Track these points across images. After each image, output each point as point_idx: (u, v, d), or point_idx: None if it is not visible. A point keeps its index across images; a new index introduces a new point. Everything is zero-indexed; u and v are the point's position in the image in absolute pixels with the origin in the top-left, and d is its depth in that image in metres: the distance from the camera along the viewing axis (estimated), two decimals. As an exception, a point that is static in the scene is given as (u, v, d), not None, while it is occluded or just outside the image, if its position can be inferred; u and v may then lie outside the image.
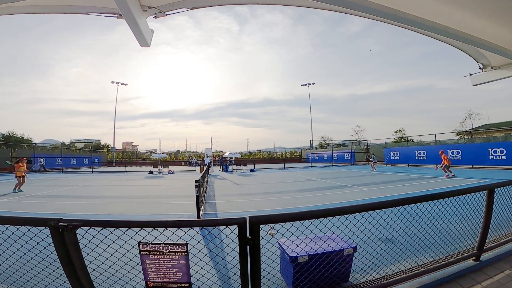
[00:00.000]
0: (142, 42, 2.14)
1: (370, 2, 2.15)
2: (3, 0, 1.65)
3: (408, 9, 2.35)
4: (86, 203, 8.60)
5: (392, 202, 2.33)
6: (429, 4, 2.30)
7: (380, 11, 2.24)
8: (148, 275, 1.85)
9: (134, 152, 66.68)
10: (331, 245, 2.78)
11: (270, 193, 10.40)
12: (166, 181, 15.88)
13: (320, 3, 2.25)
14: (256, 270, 1.89)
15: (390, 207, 2.33)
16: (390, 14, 2.31)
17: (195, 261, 2.07)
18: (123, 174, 23.53)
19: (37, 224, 1.70)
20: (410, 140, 32.91)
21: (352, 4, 2.12)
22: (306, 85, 49.72)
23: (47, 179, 17.46)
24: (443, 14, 2.46)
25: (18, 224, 1.74)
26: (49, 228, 1.64)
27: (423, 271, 2.69)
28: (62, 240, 1.66)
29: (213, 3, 2.10)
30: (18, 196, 10.00)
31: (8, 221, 1.76)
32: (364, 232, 2.68)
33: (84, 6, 1.95)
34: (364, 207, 2.21)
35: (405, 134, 40.52)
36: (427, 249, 3.31)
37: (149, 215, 6.72)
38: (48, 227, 1.64)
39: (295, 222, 2.02)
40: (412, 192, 9.48)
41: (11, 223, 1.75)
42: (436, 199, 2.57)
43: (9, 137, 38.55)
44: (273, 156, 56.62)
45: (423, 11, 2.41)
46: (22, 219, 1.74)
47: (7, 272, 2.34)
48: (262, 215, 1.89)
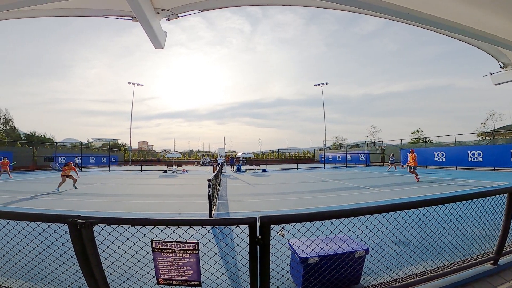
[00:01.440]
0: (156, 44, 2.20)
1: (385, 2, 2.10)
2: (26, 3, 1.73)
3: (425, 8, 2.27)
4: (102, 201, 8.88)
5: (408, 204, 2.27)
6: (447, 3, 2.23)
7: (395, 11, 2.18)
8: (160, 272, 1.89)
9: (149, 151, 68.32)
10: (342, 246, 2.75)
11: (282, 193, 10.36)
12: (180, 180, 16.14)
13: (332, 4, 2.21)
14: (266, 269, 1.89)
15: (405, 209, 2.27)
16: (405, 13, 2.24)
17: (205, 259, 2.10)
18: (138, 173, 24.12)
19: (56, 220, 1.78)
20: (428, 141, 31.86)
21: (366, 4, 2.08)
22: (319, 85, 49.13)
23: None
24: (462, 13, 2.37)
25: (39, 220, 1.82)
26: (67, 225, 1.71)
27: (437, 275, 2.62)
28: (79, 236, 1.73)
29: (224, 4, 2.13)
30: (39, 193, 10.45)
31: (30, 217, 1.85)
32: (377, 234, 2.63)
33: (101, 9, 2.03)
34: (378, 208, 2.17)
35: (423, 135, 39.28)
36: (443, 253, 3.22)
37: (163, 214, 6.85)
38: (66, 223, 1.71)
39: (306, 223, 2.01)
40: (429, 194, 9.19)
41: (33, 220, 1.83)
42: (454, 201, 2.49)
43: (31, 136, 40.34)
44: (285, 157, 56.41)
45: (440, 10, 2.33)
46: (43, 215, 1.82)
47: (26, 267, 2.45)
48: (273, 215, 1.90)
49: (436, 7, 2.25)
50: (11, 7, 1.73)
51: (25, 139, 38.56)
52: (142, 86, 48.52)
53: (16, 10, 1.91)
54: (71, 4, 1.95)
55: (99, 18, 2.17)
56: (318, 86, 49.44)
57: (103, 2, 1.97)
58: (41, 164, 28.54)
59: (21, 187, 12.31)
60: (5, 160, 17.81)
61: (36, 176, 19.57)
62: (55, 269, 2.34)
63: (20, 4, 1.70)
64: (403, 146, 31.12)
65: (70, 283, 2.32)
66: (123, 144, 57.34)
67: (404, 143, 32.37)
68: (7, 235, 2.15)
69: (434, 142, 30.18)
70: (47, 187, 12.41)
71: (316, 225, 2.14)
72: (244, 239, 1.92)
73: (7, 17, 2.10)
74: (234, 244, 3.92)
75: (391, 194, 9.31)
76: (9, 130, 40.69)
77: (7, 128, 40.94)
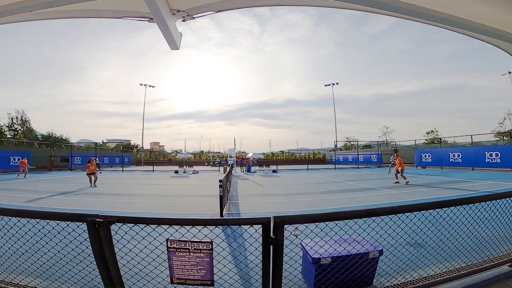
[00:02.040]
0: (172, 45, 2.23)
1: (401, 2, 2.05)
2: (46, 5, 1.78)
3: (441, 7, 2.21)
4: (116, 200, 9.06)
5: (423, 205, 2.22)
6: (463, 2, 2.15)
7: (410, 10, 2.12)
8: (174, 271, 1.90)
9: (161, 152, 69.34)
10: (356, 247, 2.73)
11: (292, 194, 10.30)
12: (191, 181, 16.29)
13: (343, 3, 2.18)
14: (278, 270, 1.89)
15: (421, 211, 2.22)
16: (421, 13, 2.18)
17: (217, 258, 2.10)
18: (150, 173, 24.50)
19: (75, 219, 1.82)
20: (444, 142, 31.00)
21: (381, 4, 2.03)
22: (330, 85, 48.57)
23: (83, 177, 18.63)
24: (479, 12, 2.29)
25: (58, 219, 1.86)
26: (86, 223, 1.75)
27: (453, 276, 2.57)
28: (97, 235, 1.76)
29: (239, 5, 2.13)
30: (57, 192, 10.76)
31: (50, 216, 1.90)
32: (392, 236, 2.58)
33: (119, 10, 2.07)
34: (393, 209, 2.13)
35: (438, 135, 38.28)
36: (459, 254, 3.13)
37: (174, 214, 6.92)
38: (85, 222, 1.75)
39: (319, 223, 1.99)
40: (445, 196, 8.93)
41: (53, 219, 1.88)
42: (471, 203, 2.42)
43: (48, 137, 41.65)
44: (296, 157, 56.09)
45: (456, 9, 2.25)
46: (63, 214, 1.87)
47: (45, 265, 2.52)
48: (287, 215, 1.89)
49: (452, 6, 2.19)
50: (35, 8, 1.79)
51: (42, 140, 39.86)
52: (153, 87, 49.29)
53: (39, 11, 1.97)
54: (90, 5, 2.01)
55: (111, 20, 2.22)
56: (329, 86, 48.94)
57: (121, 4, 2.01)
58: (57, 164, 29.42)
59: (39, 187, 12.72)
60: (24, 160, 18.47)
61: (52, 176, 20.18)
62: (73, 268, 2.40)
63: (43, 6, 1.75)
64: (417, 146, 30.39)
65: (87, 281, 2.37)
66: (135, 145, 58.46)
67: (418, 144, 31.61)
68: (27, 234, 2.22)
69: (450, 143, 29.37)
70: (64, 186, 12.78)
71: (330, 225, 2.11)
72: (258, 239, 1.91)
73: (30, 19, 2.18)
74: (246, 244, 3.92)
75: (405, 196, 9.10)
76: (26, 131, 42.15)
77: (24, 129, 42.43)
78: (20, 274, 2.65)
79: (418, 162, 27.52)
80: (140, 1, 1.81)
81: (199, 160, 52.92)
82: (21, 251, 2.67)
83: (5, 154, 23.00)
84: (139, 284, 2.35)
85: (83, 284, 2.44)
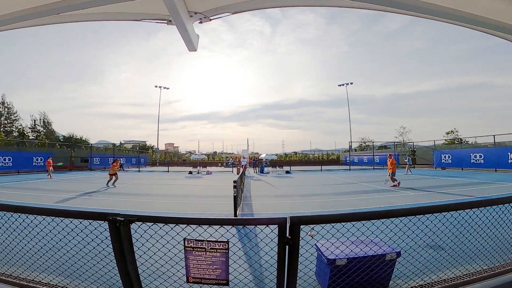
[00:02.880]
0: (190, 47, 2.26)
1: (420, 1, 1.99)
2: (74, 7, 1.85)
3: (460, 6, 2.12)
4: (133, 200, 9.28)
5: (444, 207, 2.14)
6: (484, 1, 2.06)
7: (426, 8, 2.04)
8: (190, 270, 1.92)
9: (175, 153, 70.56)
10: (373, 248, 2.69)
11: (306, 195, 10.21)
12: (204, 181, 16.47)
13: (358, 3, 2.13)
14: (293, 270, 1.87)
15: (442, 212, 2.14)
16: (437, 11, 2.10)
17: (232, 258, 2.11)
18: (165, 173, 24.97)
19: (97, 218, 1.87)
20: (464, 142, 29.83)
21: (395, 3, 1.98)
22: (344, 85, 47.82)
23: (102, 177, 19.24)
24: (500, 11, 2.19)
25: (82, 218, 1.93)
26: (107, 222, 1.80)
27: (475, 279, 2.46)
28: (118, 233, 1.80)
29: (255, 7, 2.13)
30: (81, 192, 11.16)
31: (75, 215, 1.96)
32: (410, 237, 2.51)
33: (139, 13, 2.13)
34: (412, 211, 2.07)
35: (458, 135, 36.90)
36: (481, 257, 3.01)
37: (189, 214, 7.01)
38: (107, 221, 1.80)
39: (335, 224, 1.96)
40: (466, 197, 8.58)
41: (77, 217, 1.95)
42: (494, 204, 2.31)
43: (69, 138, 43.31)
44: (309, 158, 55.57)
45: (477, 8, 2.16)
46: (86, 213, 1.93)
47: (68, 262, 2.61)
48: (304, 216, 1.88)
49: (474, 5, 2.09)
50: (62, 11, 1.86)
51: (63, 141, 41.48)
52: (168, 89, 50.33)
53: (65, 14, 2.05)
54: (112, 8, 2.07)
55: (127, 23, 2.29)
56: (342, 86, 48.20)
57: (141, 6, 2.06)
58: (77, 165, 30.54)
59: (64, 186, 13.24)
60: (50, 160, 19.24)
61: (73, 176, 20.97)
62: (93, 266, 2.47)
63: (72, 8, 1.83)
64: (437, 147, 29.37)
65: (106, 279, 2.44)
66: (151, 145, 59.77)
67: (437, 144, 30.56)
68: (51, 232, 2.31)
69: (471, 143, 28.25)
70: (85, 186, 13.25)
71: (347, 226, 2.08)
72: (274, 239, 1.90)
73: (56, 21, 2.27)
74: (261, 244, 3.92)
75: (423, 197, 8.82)
76: (48, 133, 44.04)
77: (46, 130, 44.35)
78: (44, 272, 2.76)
79: (437, 163, 26.61)
80: (159, 4, 1.85)
81: (213, 161, 53.44)
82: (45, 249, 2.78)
83: (28, 155, 24.08)
84: (155, 283, 2.40)
85: (103, 282, 2.51)
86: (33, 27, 2.43)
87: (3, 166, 21.50)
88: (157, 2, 1.88)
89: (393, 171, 11.98)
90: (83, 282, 2.63)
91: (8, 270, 2.57)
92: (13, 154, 22.67)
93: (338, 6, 2.36)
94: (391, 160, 12.37)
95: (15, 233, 2.65)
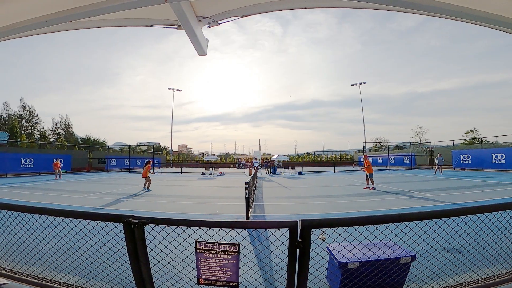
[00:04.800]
0: (200, 51, 2.30)
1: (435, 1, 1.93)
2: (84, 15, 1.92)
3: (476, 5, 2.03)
4: (147, 201, 9.48)
5: (464, 210, 2.06)
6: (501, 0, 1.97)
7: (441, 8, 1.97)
8: (201, 272, 1.94)
9: (188, 154, 71.55)
10: (386, 252, 2.63)
11: (319, 196, 10.09)
12: (217, 182, 16.60)
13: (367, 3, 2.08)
14: (304, 273, 1.86)
15: (462, 215, 2.07)
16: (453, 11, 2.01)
17: (243, 260, 2.11)
18: (179, 174, 25.36)
19: (113, 220, 1.93)
20: (485, 142, 28.64)
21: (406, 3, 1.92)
22: (357, 84, 46.99)
23: (119, 178, 19.78)
24: None
25: (97, 219, 1.99)
26: (122, 224, 1.85)
27: (493, 283, 2.39)
28: (132, 235, 1.85)
29: (262, 10, 2.14)
30: (97, 193, 11.51)
31: (90, 216, 2.03)
32: (426, 241, 2.44)
33: (149, 19, 2.19)
34: (429, 214, 2.00)
35: (478, 135, 35.49)
36: (501, 261, 2.88)
37: (201, 215, 7.09)
38: (122, 223, 1.84)
39: (348, 227, 1.93)
40: (486, 199, 8.23)
41: (93, 219, 2.02)
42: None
43: (87, 140, 44.80)
44: (322, 159, 54.95)
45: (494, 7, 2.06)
46: (101, 215, 2.00)
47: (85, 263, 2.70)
48: (315, 219, 1.86)
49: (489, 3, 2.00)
50: (74, 18, 1.94)
51: (81, 143, 42.96)
52: (181, 91, 51.18)
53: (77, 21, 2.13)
54: (123, 15, 2.14)
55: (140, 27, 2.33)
56: (355, 86, 47.38)
57: (151, 12, 2.12)
58: (95, 166, 31.51)
59: (80, 187, 13.70)
60: (57, 161, 19.80)
61: (91, 177, 21.63)
62: (109, 266, 2.54)
63: (82, 16, 1.90)
64: (455, 147, 28.34)
65: (120, 280, 2.50)
66: (165, 147, 60.91)
67: (456, 144, 29.48)
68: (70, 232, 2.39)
69: (491, 143, 27.07)
70: (102, 187, 13.64)
71: (359, 230, 2.04)
72: (284, 242, 1.89)
73: (68, 28, 2.35)
74: (272, 247, 3.91)
75: (440, 199, 8.52)
76: (68, 135, 45.75)
77: (66, 132, 46.10)
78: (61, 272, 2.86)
79: (456, 163, 25.69)
80: (168, 10, 1.89)
81: (225, 162, 53.80)
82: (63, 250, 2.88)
83: (49, 157, 25.04)
84: (167, 284, 2.43)
85: (117, 283, 2.57)
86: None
87: (25, 167, 22.48)
88: (166, 8, 1.92)
89: (370, 172, 11.80)
90: (98, 282, 2.70)
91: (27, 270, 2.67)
92: (34, 156, 23.63)
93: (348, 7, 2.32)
94: (366, 161, 12.32)
95: (35, 234, 2.76)
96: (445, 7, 1.96)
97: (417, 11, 2.19)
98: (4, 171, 20.29)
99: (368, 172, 11.84)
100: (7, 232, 2.76)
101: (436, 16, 2.27)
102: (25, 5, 1.95)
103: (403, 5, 1.95)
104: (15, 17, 2.08)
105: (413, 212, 2.02)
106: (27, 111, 43.01)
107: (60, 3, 1.89)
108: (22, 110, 42.66)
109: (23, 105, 42.80)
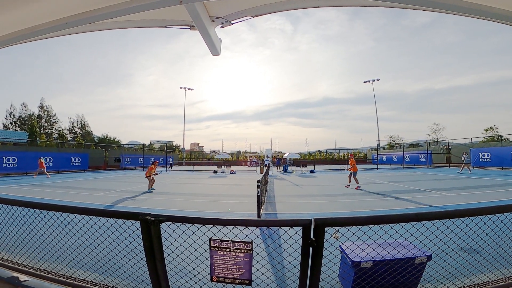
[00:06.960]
0: (213, 51, 2.33)
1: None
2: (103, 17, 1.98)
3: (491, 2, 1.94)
4: (161, 199, 9.66)
5: (481, 210, 2.02)
6: None
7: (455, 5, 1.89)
8: (214, 269, 1.97)
9: (200, 152, 72.32)
10: (401, 251, 2.60)
11: (331, 195, 10.00)
12: (229, 181, 16.71)
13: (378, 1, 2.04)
14: (316, 271, 1.87)
15: (478, 215, 2.02)
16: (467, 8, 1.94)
17: (255, 258, 2.13)
18: (191, 173, 25.68)
19: (130, 218, 1.99)
20: (505, 140, 27.48)
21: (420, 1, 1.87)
22: (370, 81, 45.95)
23: (133, 176, 20.24)
24: None
25: (116, 217, 2.06)
26: (139, 222, 1.90)
27: (510, 283, 2.36)
28: (148, 232, 1.90)
29: (275, 9, 2.14)
30: (113, 191, 11.84)
31: (109, 214, 2.10)
32: (443, 240, 2.38)
33: (163, 20, 2.24)
34: (446, 213, 1.97)
35: (498, 132, 34.09)
36: None
37: (214, 213, 7.17)
38: (139, 220, 1.90)
39: (362, 226, 1.91)
40: (507, 199, 7.91)
41: (111, 216, 2.09)
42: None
43: (103, 139, 46.05)
44: (334, 157, 54.28)
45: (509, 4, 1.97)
46: (119, 213, 2.06)
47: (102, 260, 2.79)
48: (328, 218, 1.87)
49: None
50: (93, 20, 2.00)
51: (98, 142, 44.21)
52: (192, 90, 51.68)
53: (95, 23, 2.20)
54: (138, 16, 2.20)
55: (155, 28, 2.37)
56: (368, 83, 46.38)
57: (166, 13, 2.16)
58: (111, 164, 32.37)
59: (97, 185, 14.12)
60: (41, 160, 19.24)
61: (107, 175, 22.24)
62: (125, 263, 2.61)
63: (101, 17, 1.96)
64: (474, 145, 27.34)
65: (136, 276, 2.57)
66: (177, 145, 61.78)
67: (475, 142, 28.42)
68: (89, 230, 2.48)
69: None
70: (118, 185, 14.02)
71: (373, 229, 2.02)
72: (298, 240, 1.90)
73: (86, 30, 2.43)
74: (285, 245, 3.91)
75: (459, 198, 8.27)
76: (85, 134, 47.19)
77: (83, 132, 47.56)
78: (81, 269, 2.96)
79: (475, 162, 24.78)
80: (182, 10, 1.92)
81: (237, 160, 54.04)
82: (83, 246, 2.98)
83: (67, 155, 25.90)
84: (181, 281, 2.48)
85: (133, 280, 2.64)
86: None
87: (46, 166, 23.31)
88: (180, 9, 1.95)
89: (354, 171, 11.82)
90: (116, 279, 2.79)
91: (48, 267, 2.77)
92: (53, 155, 24.47)
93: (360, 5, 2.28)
94: (351, 159, 12.42)
95: (57, 231, 2.87)
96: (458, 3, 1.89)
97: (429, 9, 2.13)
98: (24, 170, 21.05)
99: (352, 171, 11.91)
100: (29, 230, 2.87)
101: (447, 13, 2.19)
102: (46, 8, 2.03)
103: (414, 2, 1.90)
104: (36, 20, 2.16)
105: (430, 212, 2.00)
106: (45, 111, 44.60)
107: (80, 6, 1.96)
108: (40, 110, 44.28)
109: (40, 105, 44.42)
